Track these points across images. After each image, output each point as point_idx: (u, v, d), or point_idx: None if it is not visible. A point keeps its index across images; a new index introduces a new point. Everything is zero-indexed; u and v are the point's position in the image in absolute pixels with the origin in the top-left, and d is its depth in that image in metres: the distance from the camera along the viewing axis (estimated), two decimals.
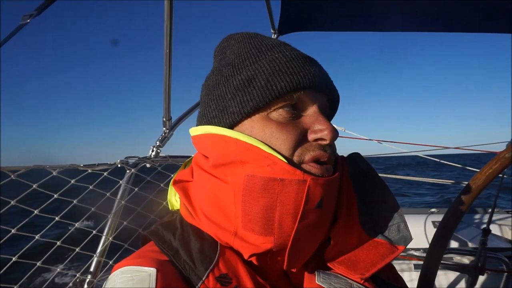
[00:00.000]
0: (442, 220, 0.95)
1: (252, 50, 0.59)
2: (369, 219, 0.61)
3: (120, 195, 1.32)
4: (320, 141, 0.54)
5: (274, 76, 0.54)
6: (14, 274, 0.99)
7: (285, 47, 0.59)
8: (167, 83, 1.42)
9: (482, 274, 1.41)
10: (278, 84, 0.53)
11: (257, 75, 0.54)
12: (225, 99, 0.57)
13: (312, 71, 0.55)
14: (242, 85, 0.55)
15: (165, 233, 0.58)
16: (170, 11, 1.25)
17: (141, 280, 0.48)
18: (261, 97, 0.53)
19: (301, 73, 0.54)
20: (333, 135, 0.53)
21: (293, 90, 0.53)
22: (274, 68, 0.54)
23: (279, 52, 0.57)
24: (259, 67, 0.55)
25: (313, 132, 0.54)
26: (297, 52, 0.57)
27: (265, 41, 0.61)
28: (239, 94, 0.55)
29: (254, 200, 0.51)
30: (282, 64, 0.54)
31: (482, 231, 1.46)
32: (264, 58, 0.56)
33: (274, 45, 0.59)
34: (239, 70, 0.57)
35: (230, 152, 0.54)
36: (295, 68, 0.54)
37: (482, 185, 0.90)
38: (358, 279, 0.55)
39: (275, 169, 0.50)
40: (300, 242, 0.52)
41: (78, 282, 1.20)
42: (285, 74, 0.54)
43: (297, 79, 0.53)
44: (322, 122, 0.54)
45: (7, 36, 0.77)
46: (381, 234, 0.59)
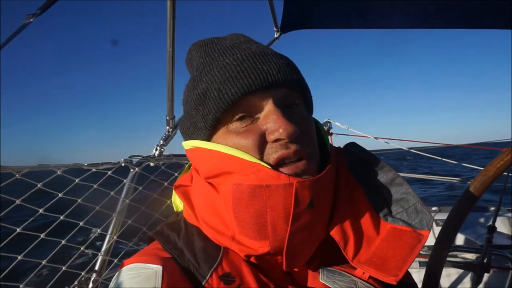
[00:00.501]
0: (450, 212, 0.95)
1: (207, 59, 0.58)
2: (384, 205, 0.59)
3: (124, 194, 1.32)
4: (279, 141, 0.52)
5: (225, 83, 0.53)
6: (20, 273, 0.99)
7: (238, 48, 0.57)
8: (170, 82, 1.42)
9: (488, 272, 1.40)
10: (229, 91, 0.52)
11: (210, 86, 0.54)
12: (192, 115, 0.57)
13: (265, 68, 0.53)
14: (200, 98, 0.55)
15: (170, 233, 0.60)
16: (173, 10, 1.25)
17: (147, 276, 0.49)
18: (216, 108, 0.53)
19: (252, 75, 0.52)
20: (289, 131, 0.50)
21: (245, 94, 0.52)
22: (225, 75, 0.53)
23: (231, 55, 0.55)
24: (211, 76, 0.54)
25: (270, 133, 0.52)
26: (249, 51, 0.55)
27: (219, 45, 0.59)
28: (200, 109, 0.55)
29: (244, 207, 0.51)
30: (232, 69, 0.53)
31: (488, 228, 1.45)
32: (216, 66, 0.55)
33: (227, 47, 0.57)
34: (197, 84, 0.56)
35: (216, 165, 0.54)
36: (246, 71, 0.52)
37: (493, 176, 0.89)
38: (393, 281, 0.52)
39: (259, 176, 0.50)
40: (296, 243, 0.52)
41: (83, 280, 1.20)
42: (235, 79, 0.52)
43: (248, 82, 0.52)
44: (275, 120, 0.52)
45: (11, 35, 0.78)
46: (401, 219, 0.57)
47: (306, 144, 0.54)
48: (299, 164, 0.52)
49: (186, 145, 0.61)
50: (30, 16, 0.79)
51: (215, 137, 0.56)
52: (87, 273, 1.22)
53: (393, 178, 0.60)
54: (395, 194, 0.60)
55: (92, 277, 1.22)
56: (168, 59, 1.37)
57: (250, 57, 0.54)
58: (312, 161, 0.55)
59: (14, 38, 0.77)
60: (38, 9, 0.81)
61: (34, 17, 0.79)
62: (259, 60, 0.54)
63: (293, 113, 0.55)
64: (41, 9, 0.81)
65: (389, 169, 0.61)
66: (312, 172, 0.53)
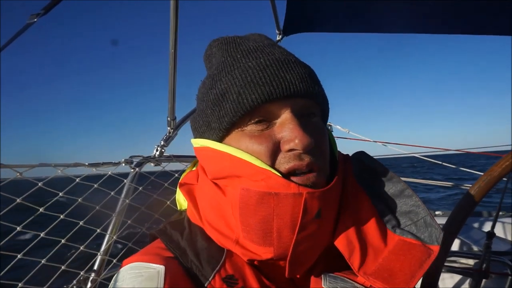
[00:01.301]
0: (450, 215, 0.95)
1: (228, 59, 0.57)
2: (392, 216, 0.58)
3: (124, 194, 1.32)
4: (294, 151, 0.51)
5: (246, 88, 0.52)
6: (19, 272, 1.00)
7: (262, 52, 0.56)
8: (172, 83, 1.42)
9: (486, 278, 1.39)
10: (249, 96, 0.51)
11: (229, 88, 0.53)
12: (207, 114, 0.56)
13: (288, 77, 0.52)
14: (217, 99, 0.54)
15: (173, 232, 0.59)
16: (175, 11, 1.26)
17: (150, 276, 0.49)
18: (234, 112, 0.52)
19: (274, 82, 0.51)
20: (304, 143, 0.49)
21: (265, 101, 0.51)
22: (246, 79, 0.52)
23: (255, 59, 0.54)
24: (232, 78, 0.53)
25: (285, 142, 0.51)
26: (273, 57, 0.54)
27: (242, 46, 0.58)
28: (216, 109, 0.54)
29: (251, 212, 0.51)
30: (255, 74, 0.52)
31: (487, 234, 1.45)
32: (238, 68, 0.54)
33: (251, 50, 0.56)
34: (216, 83, 0.55)
35: (225, 167, 0.54)
36: (268, 78, 0.51)
37: (497, 177, 0.89)
38: None
39: (269, 183, 0.50)
40: (300, 252, 0.52)
41: (82, 280, 1.20)
42: (257, 85, 0.51)
43: (269, 90, 0.51)
44: (292, 130, 0.51)
45: (14, 35, 0.78)
46: (410, 232, 0.56)
47: (318, 157, 0.53)
48: (310, 176, 0.52)
49: (196, 143, 0.60)
50: (34, 16, 0.79)
51: (228, 138, 0.55)
52: (86, 272, 1.22)
53: (402, 189, 0.60)
54: (404, 206, 0.59)
55: (90, 276, 1.22)
56: (170, 60, 1.37)
57: (274, 63, 0.53)
58: (322, 173, 0.54)
59: (18, 38, 0.78)
60: (42, 9, 0.81)
61: (38, 17, 0.79)
62: (282, 68, 0.53)
63: (309, 124, 0.54)
64: (45, 9, 0.81)
65: (399, 180, 0.61)
66: (321, 184, 0.53)
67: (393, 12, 1.96)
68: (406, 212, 0.58)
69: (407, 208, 0.58)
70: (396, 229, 0.57)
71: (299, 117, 0.53)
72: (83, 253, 1.23)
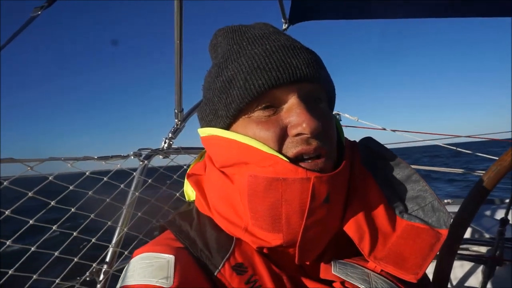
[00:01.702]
0: (462, 203, 0.93)
1: (234, 46, 0.57)
2: (399, 201, 0.58)
3: (134, 187, 1.34)
4: (301, 135, 0.51)
5: (252, 74, 0.52)
6: (34, 264, 1.01)
7: (268, 39, 0.55)
8: (178, 75, 1.42)
9: (500, 265, 1.38)
10: (256, 82, 0.51)
11: (236, 75, 0.53)
12: (213, 102, 0.56)
13: (294, 62, 0.52)
14: (224, 86, 0.54)
15: (182, 223, 0.60)
16: (180, 1, 1.25)
17: (160, 266, 0.50)
18: (241, 98, 0.52)
19: (280, 68, 0.51)
20: (312, 126, 0.49)
21: (272, 87, 0.51)
22: (253, 66, 0.52)
23: (260, 46, 0.54)
24: (238, 65, 0.53)
25: (292, 127, 0.51)
26: (279, 43, 0.54)
27: (248, 33, 0.58)
28: (223, 97, 0.54)
29: (260, 199, 0.51)
30: (261, 60, 0.52)
31: (500, 221, 1.43)
32: (244, 55, 0.54)
33: (256, 37, 0.56)
34: (222, 71, 0.55)
35: (232, 154, 0.54)
36: (274, 63, 0.51)
37: (508, 166, 0.88)
38: (413, 279, 0.51)
39: (277, 169, 0.50)
40: (309, 237, 0.52)
41: (95, 271, 1.22)
42: (263, 70, 0.51)
43: (276, 75, 0.51)
44: (299, 114, 0.51)
45: (19, 28, 0.78)
46: (417, 217, 0.56)
47: (326, 142, 0.53)
48: (318, 162, 0.51)
49: (203, 132, 0.60)
50: (38, 9, 0.79)
51: (235, 126, 0.55)
52: (98, 264, 1.24)
53: (409, 174, 0.60)
54: (411, 191, 0.59)
55: (103, 268, 1.24)
56: (176, 51, 1.37)
57: (279, 49, 0.53)
58: (330, 158, 0.54)
59: (22, 31, 0.77)
60: (46, 1, 0.80)
61: (42, 10, 0.79)
62: (288, 53, 0.53)
63: (316, 108, 0.54)
64: (49, 1, 0.81)
65: (406, 166, 0.60)
66: (329, 169, 0.53)
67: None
68: (413, 197, 0.58)
69: (414, 193, 0.58)
70: (404, 214, 0.57)
71: (306, 102, 0.53)
72: (95, 245, 1.25)
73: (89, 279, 1.21)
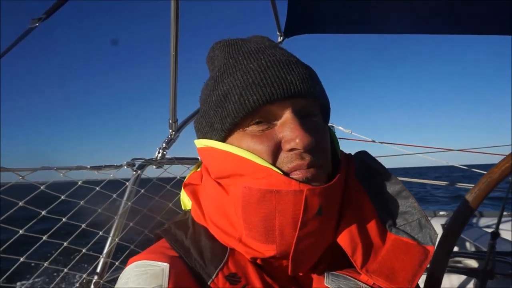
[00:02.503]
0: (452, 216, 0.94)
1: (230, 60, 0.58)
2: (389, 216, 0.59)
3: (126, 197, 1.33)
4: (295, 150, 0.52)
5: (247, 89, 0.52)
6: (21, 275, 1.00)
7: (263, 53, 0.56)
8: (173, 85, 1.43)
9: (491, 278, 1.38)
10: (251, 97, 0.52)
11: (231, 90, 0.54)
12: (209, 115, 0.57)
13: (289, 78, 0.52)
14: (220, 100, 0.55)
15: (177, 232, 0.60)
16: (176, 14, 1.26)
17: (154, 274, 0.50)
18: (236, 113, 0.53)
19: (275, 83, 0.52)
20: (305, 142, 0.50)
21: (266, 102, 0.52)
22: (247, 81, 0.53)
23: (256, 61, 0.55)
24: (233, 80, 0.54)
25: (286, 142, 0.52)
26: (274, 58, 0.55)
27: (244, 48, 0.59)
28: (219, 110, 0.55)
29: (253, 210, 0.51)
30: (256, 75, 0.52)
31: (491, 234, 1.44)
32: (240, 70, 0.55)
33: (252, 51, 0.57)
34: (218, 85, 0.56)
35: (227, 166, 0.54)
36: (269, 79, 0.52)
37: (497, 179, 0.89)
38: None
39: (270, 181, 0.50)
40: (302, 249, 0.52)
41: (85, 282, 1.21)
42: (258, 86, 0.52)
43: (270, 91, 0.51)
44: (293, 130, 0.51)
45: (16, 39, 0.78)
46: (405, 232, 0.57)
47: (320, 156, 0.54)
48: (311, 170, 0.52)
49: (199, 144, 0.61)
50: (36, 21, 0.79)
51: (230, 138, 0.56)
52: (89, 275, 1.22)
53: (400, 190, 0.60)
54: (401, 207, 0.60)
55: (93, 279, 1.22)
56: (172, 63, 1.38)
57: (274, 64, 0.54)
58: (324, 171, 0.55)
59: (19, 43, 0.78)
60: (44, 13, 0.81)
61: (40, 22, 0.79)
62: (283, 68, 0.53)
63: (310, 123, 0.55)
64: (47, 13, 0.81)
65: (397, 181, 0.61)
66: (322, 180, 0.53)
67: (394, 13, 1.95)
68: (402, 212, 0.59)
69: (403, 209, 0.59)
70: (392, 228, 0.58)
71: (300, 117, 0.53)
72: (86, 256, 1.24)
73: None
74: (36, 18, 0.80)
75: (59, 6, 0.88)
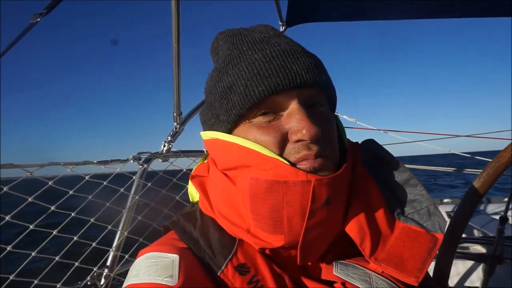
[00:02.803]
0: (460, 202, 0.94)
1: (234, 51, 0.57)
2: (397, 204, 0.59)
3: (133, 190, 1.34)
4: (302, 141, 0.51)
5: (252, 80, 0.52)
6: (35, 269, 1.02)
7: (268, 43, 0.56)
8: (176, 78, 1.42)
9: (500, 263, 1.38)
10: (256, 89, 0.51)
11: (236, 81, 0.53)
12: (215, 107, 0.57)
13: (294, 68, 0.52)
14: (225, 92, 0.54)
15: (185, 224, 0.60)
16: (177, 5, 1.25)
17: (165, 265, 0.50)
18: (241, 104, 0.52)
19: (280, 74, 0.51)
20: (312, 133, 0.50)
21: (272, 93, 0.51)
22: (253, 72, 0.52)
23: (260, 51, 0.54)
24: (238, 71, 0.54)
25: (293, 133, 0.51)
26: (279, 48, 0.54)
27: (248, 38, 0.58)
28: (224, 102, 0.55)
29: (261, 201, 0.51)
30: (261, 66, 0.52)
31: (499, 219, 1.43)
32: (244, 60, 0.54)
33: (257, 41, 0.56)
34: (223, 76, 0.56)
35: (234, 158, 0.54)
36: (274, 69, 0.51)
37: (506, 163, 0.88)
38: (415, 283, 0.51)
39: (277, 172, 0.50)
40: (311, 239, 0.52)
41: (96, 276, 1.22)
42: (263, 77, 0.51)
43: (275, 81, 0.51)
44: (299, 120, 0.51)
45: (18, 35, 0.78)
46: (414, 220, 0.57)
47: (327, 146, 0.53)
48: (318, 160, 0.52)
49: (205, 136, 0.61)
50: (37, 16, 0.79)
51: (236, 130, 0.56)
52: (99, 268, 1.24)
53: (408, 178, 0.60)
54: (409, 195, 0.59)
55: (104, 272, 1.24)
56: (174, 55, 1.37)
57: (279, 54, 0.53)
58: (331, 161, 0.54)
59: (22, 38, 0.78)
60: (44, 8, 0.80)
61: (41, 17, 0.79)
62: (288, 58, 0.53)
63: (316, 113, 0.54)
64: (48, 8, 0.81)
65: (405, 169, 0.61)
66: (330, 170, 0.53)
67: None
68: (410, 200, 0.59)
69: (412, 197, 0.59)
70: (401, 216, 0.57)
71: (306, 107, 0.53)
72: (96, 250, 1.25)
73: (90, 283, 1.21)
74: (37, 13, 0.80)
75: (59, 1, 0.88)
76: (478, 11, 1.99)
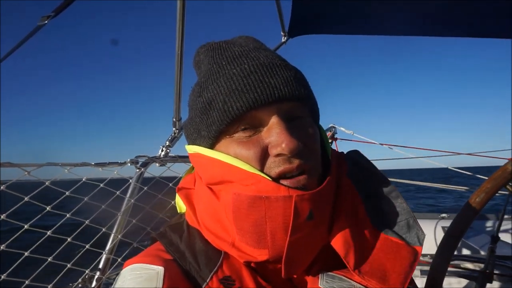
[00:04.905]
0: (454, 219, 0.95)
1: (214, 66, 0.57)
2: (378, 215, 0.59)
3: (129, 194, 1.34)
4: (281, 156, 0.51)
5: (231, 96, 0.52)
6: (26, 270, 1.01)
7: (247, 57, 0.56)
8: (177, 84, 1.43)
9: (491, 282, 1.39)
10: (235, 104, 0.51)
11: (215, 97, 0.53)
12: (196, 122, 0.57)
13: (272, 82, 0.52)
14: (205, 107, 0.55)
15: (172, 235, 0.60)
16: (182, 12, 1.27)
17: (149, 277, 0.50)
18: (220, 120, 0.53)
19: (258, 89, 0.51)
20: (291, 147, 0.50)
21: (250, 109, 0.51)
22: (231, 87, 0.52)
23: (239, 66, 0.54)
24: (217, 86, 0.54)
25: (273, 147, 0.51)
26: (257, 62, 0.54)
27: (227, 52, 0.59)
28: (204, 118, 0.55)
29: (244, 216, 0.51)
30: (239, 81, 0.52)
31: (491, 238, 1.44)
32: (223, 75, 0.54)
33: (236, 56, 0.57)
34: (203, 91, 0.56)
35: (216, 173, 0.55)
36: (252, 84, 0.51)
37: (499, 184, 0.89)
38: None
39: (259, 187, 0.50)
40: (295, 253, 0.52)
41: (87, 278, 1.22)
42: (241, 92, 0.51)
43: (254, 97, 0.51)
44: (279, 134, 0.51)
45: (24, 37, 0.78)
46: (394, 232, 0.57)
47: (308, 158, 0.53)
48: (300, 179, 0.52)
49: (189, 150, 0.61)
50: (45, 18, 0.79)
51: (218, 145, 0.56)
52: (91, 271, 1.23)
53: (390, 190, 0.61)
54: (390, 207, 0.60)
55: (96, 275, 1.23)
56: (176, 61, 1.38)
57: (258, 68, 0.53)
58: (313, 174, 0.54)
59: (28, 40, 0.78)
60: (53, 11, 0.81)
61: (48, 20, 0.79)
62: (266, 72, 0.53)
63: (297, 126, 0.54)
64: (56, 11, 0.81)
65: (388, 182, 0.62)
66: (312, 186, 0.53)
67: (397, 13, 1.95)
68: (390, 212, 0.59)
69: (392, 209, 0.59)
70: (382, 228, 0.58)
71: (286, 121, 0.53)
72: (89, 252, 1.25)
73: (81, 285, 1.21)
74: (45, 15, 0.80)
75: (68, 4, 0.89)
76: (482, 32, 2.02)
